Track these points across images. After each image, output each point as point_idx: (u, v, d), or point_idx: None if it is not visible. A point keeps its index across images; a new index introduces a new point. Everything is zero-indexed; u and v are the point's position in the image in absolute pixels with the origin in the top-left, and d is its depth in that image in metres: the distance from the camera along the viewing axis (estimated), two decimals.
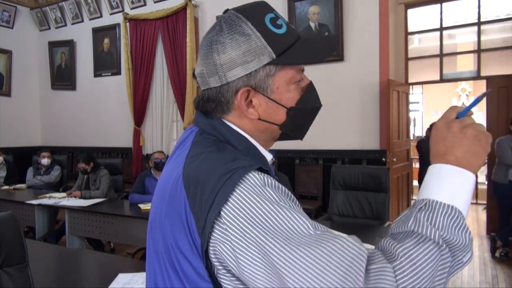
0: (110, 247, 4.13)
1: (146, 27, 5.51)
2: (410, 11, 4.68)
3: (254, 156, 0.66)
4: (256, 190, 0.55)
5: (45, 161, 4.74)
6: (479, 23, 4.52)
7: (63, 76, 6.71)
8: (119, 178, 4.53)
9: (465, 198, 0.57)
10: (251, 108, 0.66)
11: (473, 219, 5.47)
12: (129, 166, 5.70)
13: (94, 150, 6.14)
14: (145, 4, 5.65)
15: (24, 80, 6.86)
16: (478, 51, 4.57)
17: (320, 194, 4.49)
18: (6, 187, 4.57)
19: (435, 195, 0.57)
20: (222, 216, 0.55)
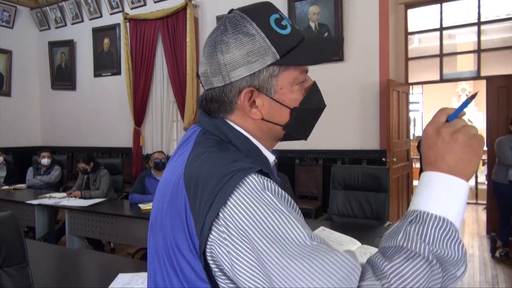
0: (110, 247, 4.13)
1: (146, 27, 5.51)
2: (410, 11, 4.68)
3: (256, 157, 0.66)
4: (255, 193, 0.55)
5: (45, 161, 4.74)
6: (479, 23, 4.52)
7: (63, 76, 6.71)
8: (119, 178, 4.53)
9: (458, 209, 0.55)
10: (254, 108, 0.66)
11: (473, 219, 5.47)
12: (129, 166, 5.70)
13: (94, 150, 6.14)
14: (145, 4, 5.65)
15: (24, 80, 6.86)
16: (478, 51, 4.56)
17: (320, 194, 4.49)
18: (6, 187, 4.57)
19: (426, 206, 0.55)
20: (220, 218, 0.55)
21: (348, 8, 4.28)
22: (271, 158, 0.71)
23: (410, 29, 4.79)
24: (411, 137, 6.95)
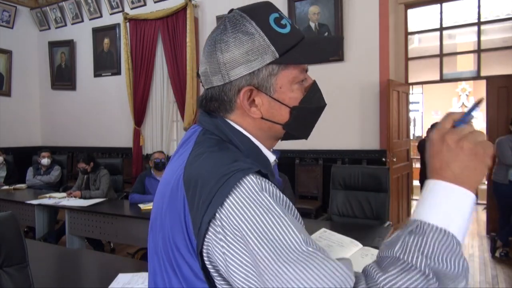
0: (110, 247, 4.13)
1: (146, 27, 5.51)
2: (410, 11, 4.68)
3: (256, 157, 0.66)
4: (252, 195, 0.55)
5: (45, 161, 4.74)
6: (479, 23, 4.52)
7: (63, 76, 6.71)
8: (119, 178, 4.53)
9: (461, 221, 0.53)
10: (253, 107, 0.66)
11: (473, 219, 5.48)
12: (129, 166, 5.70)
13: (94, 150, 6.14)
14: (145, 4, 5.65)
15: (24, 80, 6.86)
16: (478, 51, 4.56)
17: (320, 194, 4.49)
18: (6, 187, 4.57)
19: (428, 216, 0.53)
20: (216, 218, 0.55)
21: (348, 8, 4.28)
22: (272, 157, 0.71)
23: (410, 29, 4.79)
24: (411, 137, 6.96)
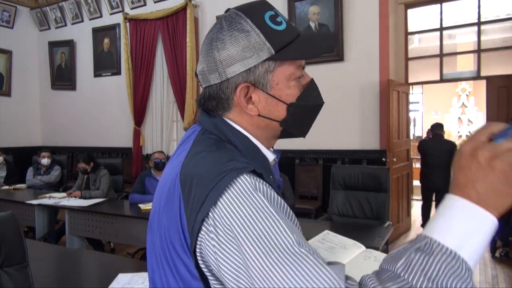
0: (110, 247, 4.13)
1: (146, 27, 5.51)
2: (410, 11, 4.68)
3: (255, 156, 0.66)
4: (245, 194, 0.54)
5: (45, 161, 4.74)
6: (479, 23, 4.52)
7: (63, 76, 6.71)
8: (119, 178, 4.53)
9: (476, 245, 0.48)
10: (250, 104, 0.66)
11: None
12: (129, 166, 5.70)
13: (94, 150, 6.14)
14: (145, 4, 5.65)
15: (24, 80, 6.86)
16: (478, 51, 4.57)
17: (320, 194, 4.49)
18: (6, 187, 4.57)
19: (441, 235, 0.48)
20: (209, 217, 0.55)
21: (348, 8, 4.28)
22: (271, 157, 0.71)
23: (410, 29, 4.80)
24: (411, 137, 6.96)
